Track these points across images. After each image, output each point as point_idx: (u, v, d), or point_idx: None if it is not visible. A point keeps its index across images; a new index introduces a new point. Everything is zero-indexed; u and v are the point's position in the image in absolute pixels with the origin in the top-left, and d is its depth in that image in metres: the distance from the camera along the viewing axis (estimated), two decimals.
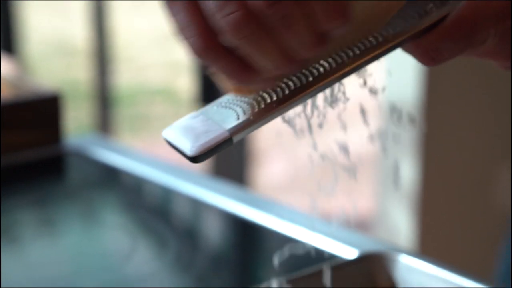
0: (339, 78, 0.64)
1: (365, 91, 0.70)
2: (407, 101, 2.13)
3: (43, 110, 1.28)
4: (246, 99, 0.64)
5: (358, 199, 0.83)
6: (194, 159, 0.61)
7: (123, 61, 4.49)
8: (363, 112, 0.71)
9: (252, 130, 0.63)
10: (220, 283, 0.99)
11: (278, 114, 0.64)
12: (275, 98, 0.63)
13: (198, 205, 1.18)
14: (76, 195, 1.25)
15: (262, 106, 0.63)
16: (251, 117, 0.62)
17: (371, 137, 0.76)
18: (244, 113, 0.63)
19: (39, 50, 5.23)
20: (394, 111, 1.94)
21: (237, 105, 0.64)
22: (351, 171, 0.76)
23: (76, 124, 4.00)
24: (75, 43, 4.89)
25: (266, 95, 0.64)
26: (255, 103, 0.63)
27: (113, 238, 1.13)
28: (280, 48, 0.58)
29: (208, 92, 2.76)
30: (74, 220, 1.18)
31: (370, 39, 0.64)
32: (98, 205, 1.23)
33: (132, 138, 4.23)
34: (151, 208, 1.22)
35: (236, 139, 0.62)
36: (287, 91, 0.63)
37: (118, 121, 3.76)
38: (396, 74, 2.09)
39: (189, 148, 0.61)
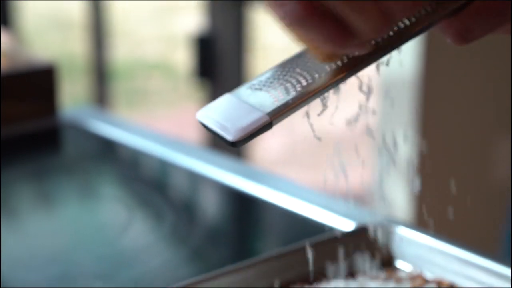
0: (371, 62, 0.64)
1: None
2: (406, 74, 2.13)
3: (38, 82, 1.27)
4: (280, 81, 0.63)
5: (355, 173, 0.83)
6: (234, 143, 0.61)
7: (120, 35, 4.47)
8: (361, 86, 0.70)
9: (291, 113, 0.62)
10: (217, 255, 0.99)
11: (316, 96, 0.63)
12: (311, 80, 0.63)
13: (195, 178, 1.18)
14: (73, 167, 1.25)
15: (299, 88, 0.63)
16: (290, 100, 0.61)
17: (367, 111, 0.76)
18: (282, 95, 0.62)
19: (35, 23, 5.20)
20: (391, 88, 1.93)
21: (272, 87, 0.63)
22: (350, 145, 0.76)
23: (73, 98, 3.99)
24: (72, 17, 4.86)
25: (301, 78, 0.63)
26: (290, 85, 0.63)
27: (110, 210, 1.13)
28: (380, 9, 0.58)
29: (205, 66, 2.75)
30: (71, 192, 1.18)
31: (402, 21, 0.63)
32: (94, 178, 1.22)
33: (129, 112, 4.22)
34: (148, 181, 1.22)
35: (275, 123, 0.61)
36: (323, 74, 0.63)
37: (115, 95, 3.74)
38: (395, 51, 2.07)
39: (229, 133, 0.60)
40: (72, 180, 1.22)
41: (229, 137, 0.61)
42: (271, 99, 0.62)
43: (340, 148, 0.79)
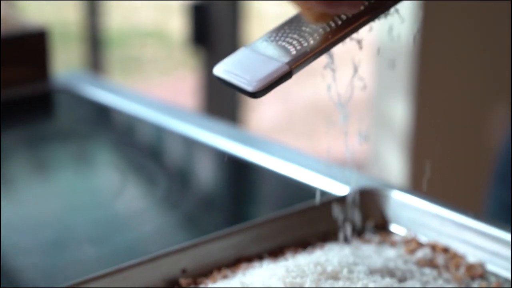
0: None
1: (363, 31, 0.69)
2: (403, 39, 2.11)
3: (30, 46, 1.26)
4: (297, 33, 0.64)
5: (351, 140, 0.82)
6: (254, 94, 0.61)
7: (114, 2, 4.44)
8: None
9: (309, 63, 0.63)
10: (211, 220, 0.99)
11: (333, 45, 0.64)
12: (328, 29, 0.63)
13: (189, 143, 1.17)
14: (66, 132, 1.24)
15: (317, 37, 0.63)
16: (308, 49, 0.62)
17: (363, 79, 0.75)
18: (299, 46, 0.62)
19: None
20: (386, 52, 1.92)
21: (289, 39, 0.63)
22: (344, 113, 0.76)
23: (66, 65, 3.96)
24: None
25: (319, 28, 0.63)
26: (308, 36, 0.63)
27: (103, 176, 1.12)
28: None
29: (200, 34, 2.73)
30: (64, 157, 1.17)
31: None
32: (88, 143, 1.22)
33: (123, 80, 4.20)
34: (142, 146, 1.21)
35: (295, 72, 0.62)
36: (339, 22, 0.63)
37: (109, 63, 3.72)
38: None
39: (249, 83, 0.60)
40: (66, 145, 1.21)
41: (250, 88, 0.61)
42: (289, 49, 0.62)
43: (335, 116, 0.78)
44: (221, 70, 0.63)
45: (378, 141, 2.18)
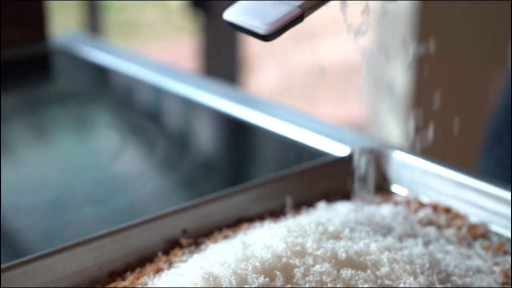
0: None
1: None
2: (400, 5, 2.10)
3: (28, 6, 1.24)
4: None
5: (351, 105, 0.82)
6: (266, 37, 0.60)
7: None
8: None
9: (320, 7, 0.62)
10: (212, 182, 0.98)
11: None
12: None
13: (189, 105, 1.17)
14: (64, 94, 1.23)
15: None
16: None
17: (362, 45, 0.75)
18: None
19: None
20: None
21: None
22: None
23: (64, 29, 3.93)
24: None
25: None
26: None
27: (102, 137, 1.11)
28: None
29: None
30: (63, 119, 1.17)
31: None
32: (86, 105, 1.21)
33: (121, 44, 4.17)
34: (142, 108, 1.20)
35: (307, 15, 0.61)
36: None
37: (107, 27, 3.69)
38: None
39: (261, 26, 0.59)
40: (64, 107, 1.20)
41: (261, 31, 0.60)
42: None
43: (336, 79, 0.78)
44: (231, 14, 0.62)
45: (378, 105, 2.17)
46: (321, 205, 0.82)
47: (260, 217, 0.83)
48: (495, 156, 1.21)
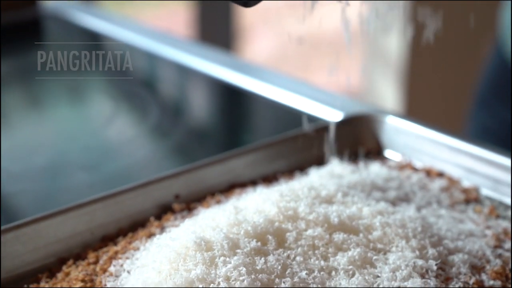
0: None
1: None
2: None
3: None
4: None
5: (346, 73, 0.81)
6: (247, 3, 0.59)
7: None
8: None
9: None
10: (205, 147, 0.98)
11: None
12: None
13: (183, 71, 1.16)
14: (57, 60, 1.21)
15: None
16: None
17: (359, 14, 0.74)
18: None
19: None
20: None
21: None
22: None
23: None
24: None
25: None
26: None
27: (96, 104, 1.11)
28: None
29: None
30: (56, 86, 1.16)
31: None
32: (79, 71, 1.20)
33: (114, 10, 4.14)
34: (136, 74, 1.19)
35: None
36: None
37: None
38: None
39: None
40: (57, 74, 1.19)
41: None
42: None
43: (327, 50, 0.77)
44: None
45: (372, 72, 2.16)
46: (314, 170, 0.82)
47: (253, 182, 0.83)
48: (480, 122, 1.21)
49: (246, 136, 1.02)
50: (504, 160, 0.79)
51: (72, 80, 1.17)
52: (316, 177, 0.79)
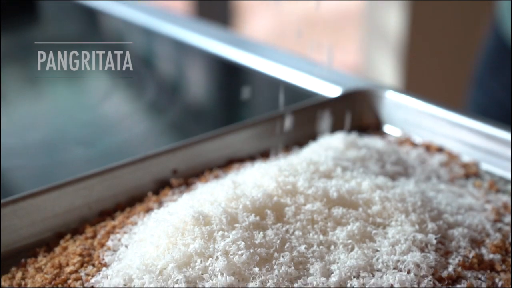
0: None
1: None
2: None
3: None
4: None
5: (345, 52, 0.80)
6: None
7: None
8: None
9: None
10: (203, 122, 0.97)
11: None
12: None
13: (180, 46, 1.15)
14: (53, 36, 1.21)
15: None
16: None
17: None
18: None
19: None
20: None
21: None
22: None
23: None
24: None
25: None
26: None
27: (92, 79, 1.10)
28: None
29: None
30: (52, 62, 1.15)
31: None
32: (76, 46, 1.19)
33: None
34: (133, 50, 1.18)
35: None
36: None
37: None
38: None
39: None
40: (53, 49, 1.18)
41: None
42: None
43: (327, 29, 0.76)
44: None
45: (371, 49, 2.15)
46: (313, 145, 0.81)
47: (251, 158, 0.83)
48: (478, 103, 1.21)
49: (244, 111, 1.01)
50: (504, 135, 0.79)
51: (68, 56, 1.16)
52: (315, 152, 0.79)
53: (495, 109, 1.16)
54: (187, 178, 0.79)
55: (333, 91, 0.95)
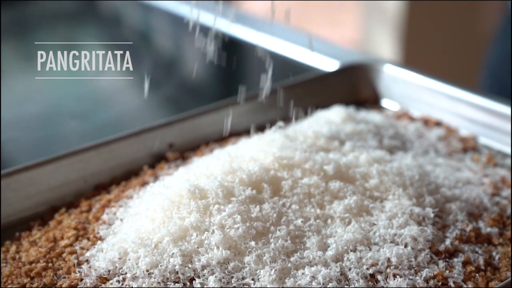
0: None
1: None
2: None
3: None
4: None
5: (343, 27, 0.80)
6: None
7: None
8: None
9: None
10: (199, 96, 0.97)
11: None
12: None
13: (176, 20, 1.14)
14: (50, 11, 1.20)
15: None
16: None
17: None
18: None
19: None
20: None
21: None
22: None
23: None
24: None
25: None
26: None
27: (88, 52, 1.09)
28: None
29: None
30: (48, 35, 1.14)
31: None
32: (73, 21, 1.18)
33: None
34: (128, 23, 1.17)
35: None
36: None
37: None
38: None
39: None
40: (50, 23, 1.17)
41: None
42: None
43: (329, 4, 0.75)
44: None
45: (370, 23, 2.14)
46: (310, 119, 0.80)
47: (248, 132, 0.82)
48: (490, 89, 1.20)
49: (242, 85, 1.00)
50: (504, 109, 0.78)
51: (65, 30, 1.16)
52: (312, 126, 0.78)
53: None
54: (183, 152, 0.78)
55: (330, 65, 0.94)
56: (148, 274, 0.58)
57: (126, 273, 0.59)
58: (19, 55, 1.07)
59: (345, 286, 0.58)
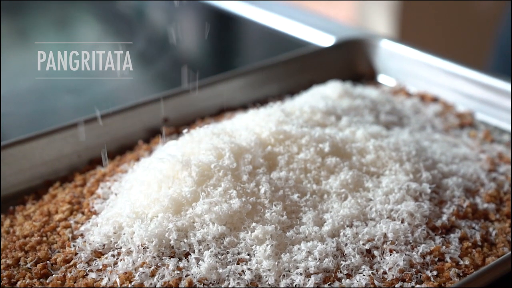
0: None
1: None
2: None
3: None
4: None
5: (339, 8, 0.79)
6: None
7: None
8: None
9: None
10: (195, 71, 0.96)
11: None
12: None
13: None
14: None
15: None
16: None
17: None
18: None
19: None
20: None
21: None
22: None
23: None
24: None
25: None
26: None
27: (83, 29, 1.08)
28: None
29: None
30: (42, 14, 1.13)
31: None
32: (67, 5, 1.16)
33: None
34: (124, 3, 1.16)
35: None
36: None
37: None
38: None
39: None
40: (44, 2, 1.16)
41: None
42: None
43: None
44: None
45: (366, 3, 2.12)
46: (306, 94, 0.80)
47: (243, 107, 0.81)
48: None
49: (236, 60, 1.00)
50: (502, 84, 0.77)
51: (59, 6, 1.14)
52: (308, 101, 0.77)
53: None
54: (178, 127, 0.77)
55: (326, 40, 0.93)
56: (143, 248, 0.58)
57: (121, 248, 0.59)
58: (10, 32, 1.05)
59: (342, 261, 0.57)
